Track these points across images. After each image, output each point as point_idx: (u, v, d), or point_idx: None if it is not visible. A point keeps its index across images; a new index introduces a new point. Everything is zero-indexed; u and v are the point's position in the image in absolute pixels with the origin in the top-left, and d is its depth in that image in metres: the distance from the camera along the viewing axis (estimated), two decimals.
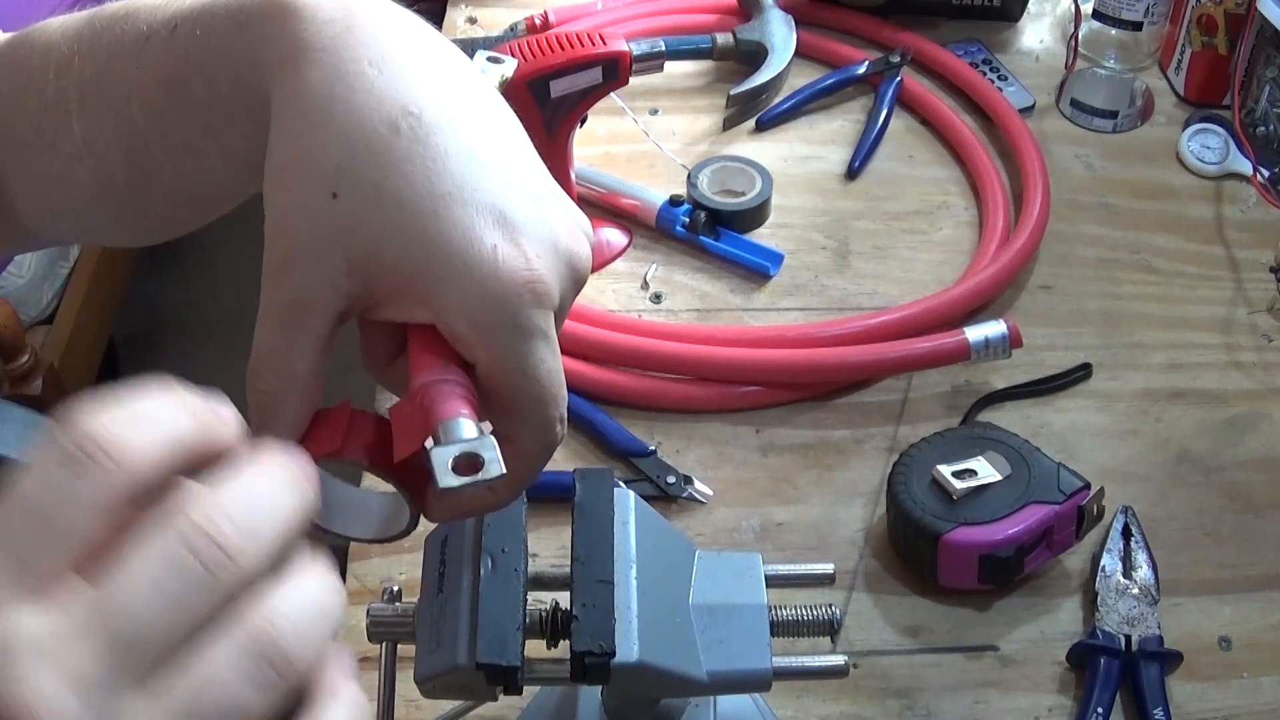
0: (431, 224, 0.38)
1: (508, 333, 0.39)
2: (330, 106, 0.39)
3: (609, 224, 0.96)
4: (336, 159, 0.38)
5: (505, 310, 0.39)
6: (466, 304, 0.38)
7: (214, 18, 0.42)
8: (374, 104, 0.39)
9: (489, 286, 0.38)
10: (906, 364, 0.84)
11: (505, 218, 0.39)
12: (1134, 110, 1.06)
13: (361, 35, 0.40)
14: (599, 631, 0.47)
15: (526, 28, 1.08)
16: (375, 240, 0.38)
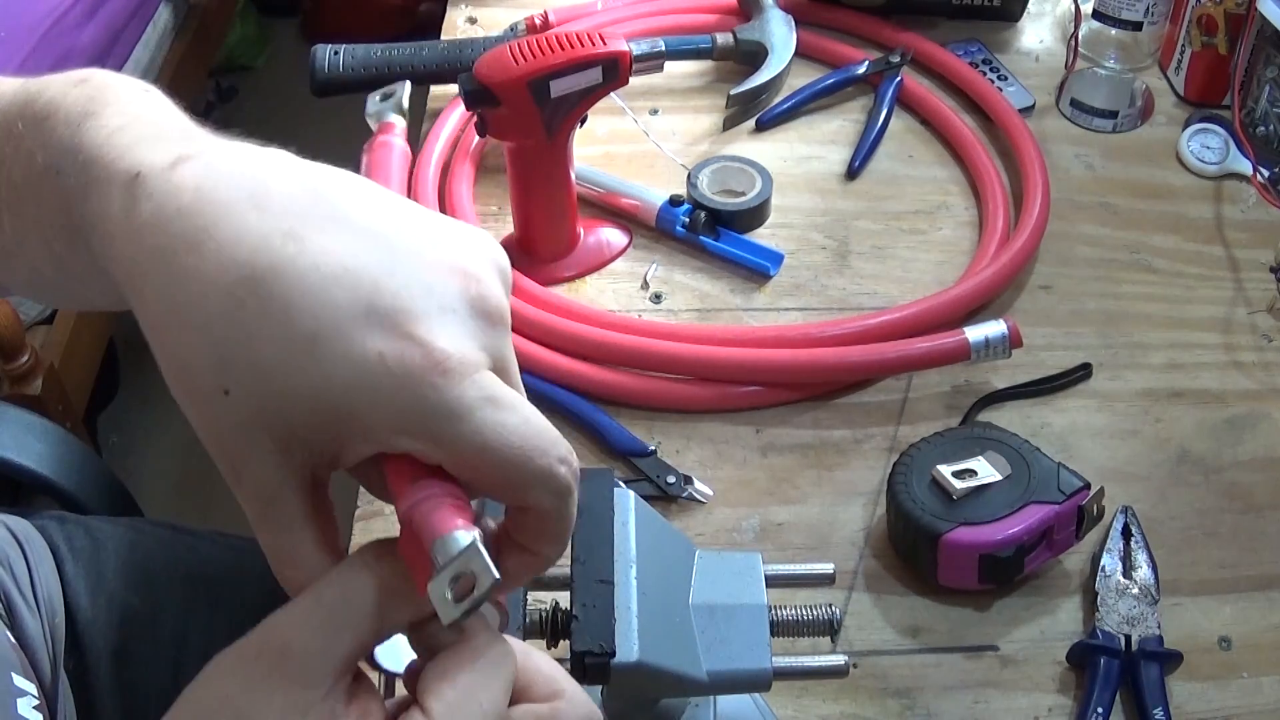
0: (315, 372, 0.36)
1: (447, 424, 0.36)
2: (171, 297, 0.36)
3: (609, 224, 0.96)
4: (205, 357, 0.36)
5: (427, 407, 0.36)
6: (391, 422, 0.37)
7: (57, 178, 0.41)
8: (206, 283, 0.36)
9: (398, 397, 0.36)
10: (906, 364, 0.84)
11: (379, 314, 0.36)
12: (1134, 110, 1.06)
13: (164, 207, 0.37)
14: (599, 631, 0.47)
15: (526, 28, 1.08)
16: (283, 412, 0.36)
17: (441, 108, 1.03)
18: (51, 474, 0.92)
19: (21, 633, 0.72)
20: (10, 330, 1.42)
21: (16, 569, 0.76)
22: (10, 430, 0.93)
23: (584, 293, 0.91)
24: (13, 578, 0.74)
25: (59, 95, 0.43)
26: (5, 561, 0.75)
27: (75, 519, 0.85)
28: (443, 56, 1.00)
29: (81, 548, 0.81)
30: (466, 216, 0.94)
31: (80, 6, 1.65)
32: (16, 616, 0.73)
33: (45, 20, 1.59)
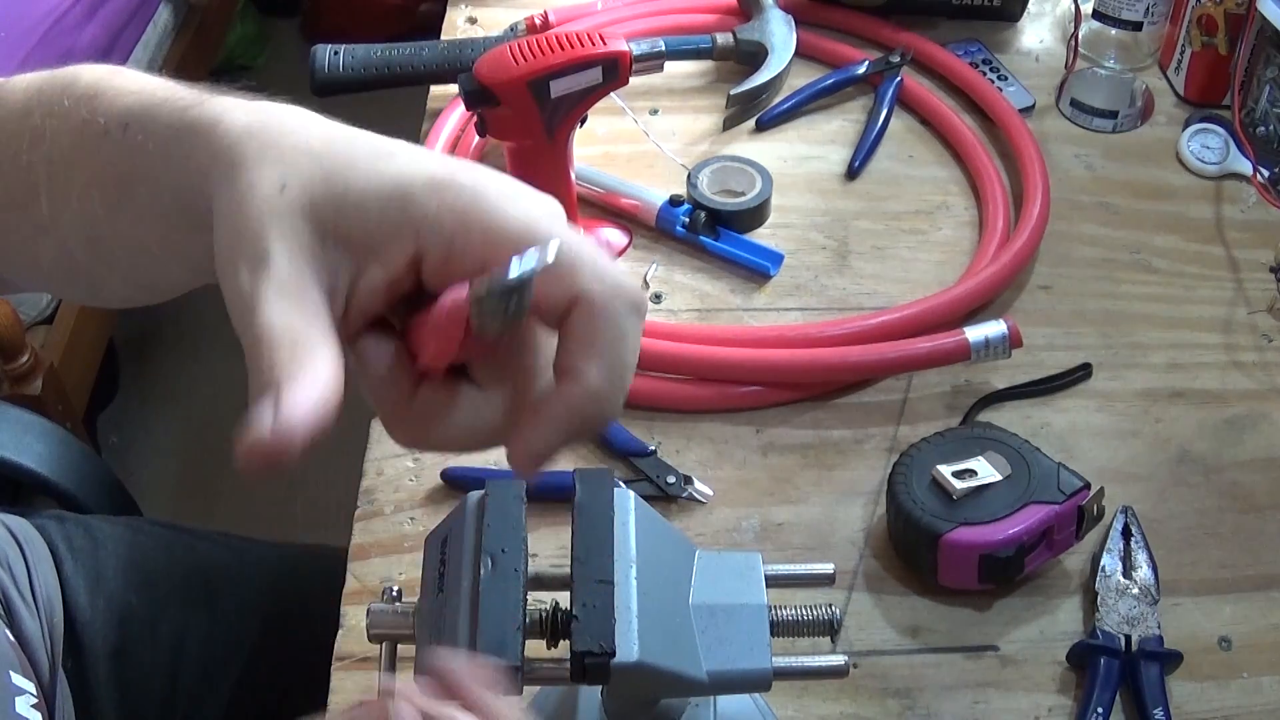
0: (386, 169, 0.40)
1: (496, 207, 0.40)
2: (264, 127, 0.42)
3: (609, 224, 0.96)
4: (272, 161, 0.40)
5: (478, 194, 0.40)
6: (440, 208, 0.39)
7: (155, 124, 0.44)
8: (310, 122, 0.42)
9: (449, 188, 0.40)
10: (906, 364, 0.84)
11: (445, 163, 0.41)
12: (1134, 110, 1.06)
13: (282, 140, 0.41)
14: (599, 631, 0.47)
15: (526, 28, 1.08)
16: (340, 188, 0.39)
17: (441, 108, 1.03)
18: (51, 474, 0.92)
19: (20, 632, 0.72)
20: (10, 330, 1.42)
21: (15, 569, 0.76)
22: (10, 430, 0.93)
23: None
24: (12, 577, 0.74)
25: (106, 75, 0.47)
26: (4, 561, 0.75)
27: (74, 518, 0.85)
28: (443, 56, 1.00)
29: (80, 547, 0.81)
30: None
31: (80, 6, 1.65)
32: (15, 616, 0.73)
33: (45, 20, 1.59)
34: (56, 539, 0.81)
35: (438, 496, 0.77)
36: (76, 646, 0.77)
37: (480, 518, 0.50)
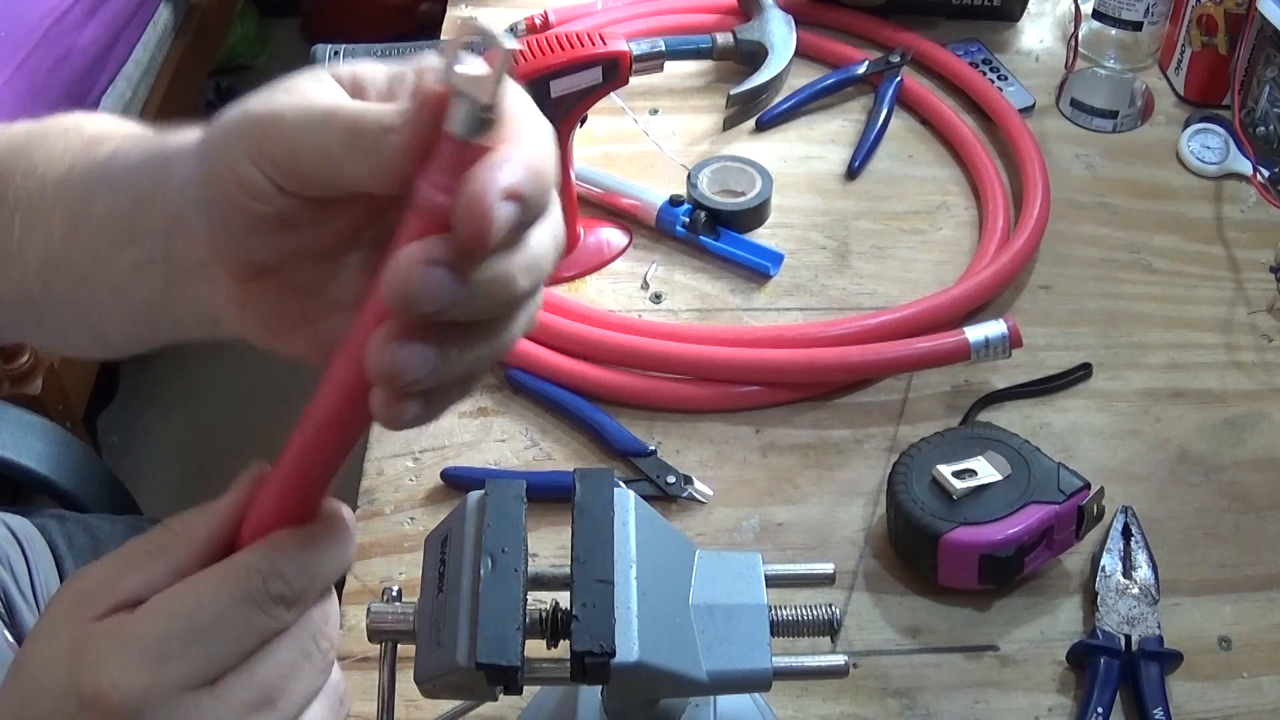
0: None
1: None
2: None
3: (609, 224, 0.96)
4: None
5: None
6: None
7: (136, 144, 0.44)
8: None
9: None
10: (906, 364, 0.84)
11: None
12: (1134, 110, 1.06)
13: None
14: (599, 631, 0.47)
15: (526, 28, 1.08)
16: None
17: None
18: (51, 473, 0.92)
19: (20, 632, 0.72)
20: None
21: (16, 568, 0.76)
22: (10, 430, 0.93)
23: (584, 293, 0.91)
24: (12, 576, 0.75)
25: (112, 124, 0.48)
26: (5, 560, 0.75)
27: (75, 517, 0.85)
28: None
29: (81, 546, 0.81)
30: None
31: (80, 6, 1.65)
32: (16, 615, 0.73)
33: (45, 20, 1.59)
34: (57, 538, 0.81)
35: (438, 496, 0.77)
36: None
37: (480, 518, 0.50)
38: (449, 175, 0.35)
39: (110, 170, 0.45)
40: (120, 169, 0.44)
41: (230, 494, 0.40)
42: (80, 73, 1.64)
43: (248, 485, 0.40)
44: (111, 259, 0.44)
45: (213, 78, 2.39)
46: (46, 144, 0.48)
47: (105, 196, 0.44)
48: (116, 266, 0.44)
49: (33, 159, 0.47)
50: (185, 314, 0.44)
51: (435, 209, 0.35)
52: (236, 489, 0.40)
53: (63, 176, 0.46)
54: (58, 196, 0.46)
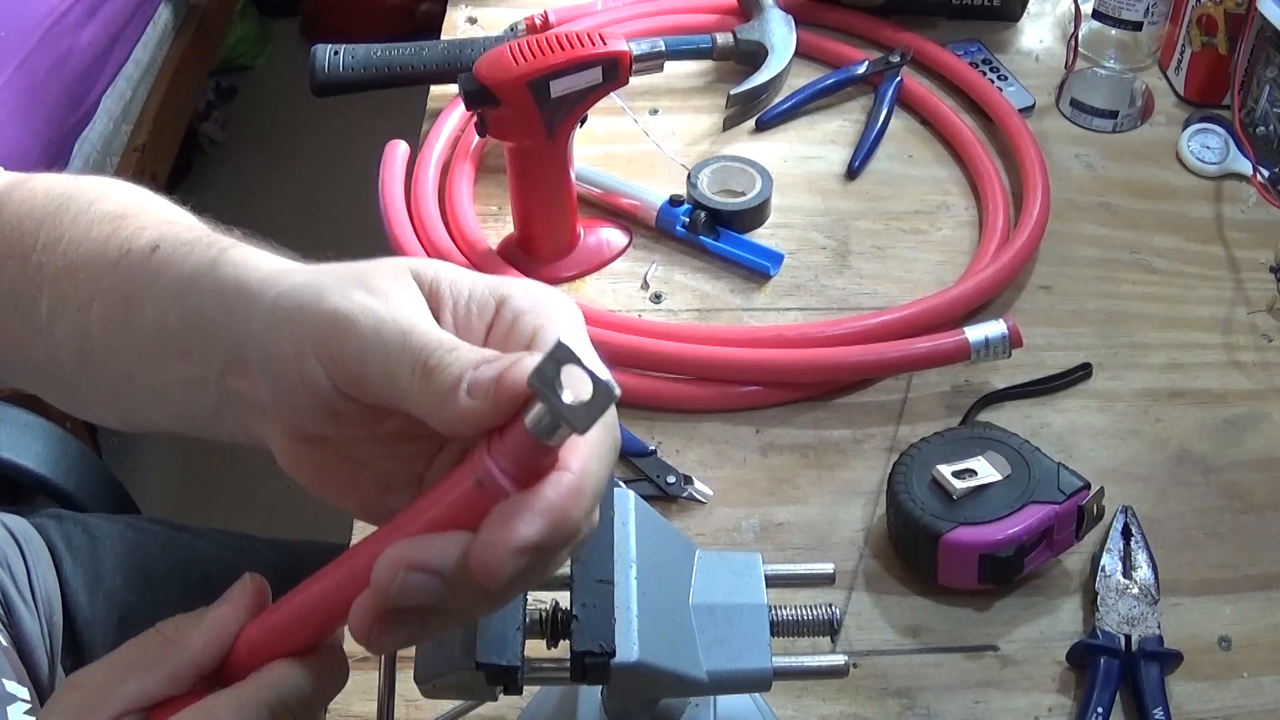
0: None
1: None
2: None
3: (609, 224, 0.96)
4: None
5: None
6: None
7: (186, 252, 0.44)
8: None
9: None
10: (906, 364, 0.84)
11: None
12: (1134, 110, 1.06)
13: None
14: (599, 631, 0.47)
15: (526, 28, 1.08)
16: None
17: (441, 108, 1.03)
18: (50, 473, 0.92)
19: (19, 632, 0.72)
20: None
21: (15, 568, 0.76)
22: (9, 430, 0.93)
23: (584, 293, 0.91)
24: (11, 577, 0.74)
25: (137, 199, 0.49)
26: (4, 561, 0.75)
27: (73, 517, 0.85)
28: (443, 56, 1.00)
29: (80, 546, 0.81)
30: (466, 216, 0.94)
31: (80, 6, 1.65)
32: (14, 616, 0.73)
33: (45, 20, 1.59)
34: (55, 538, 0.81)
35: None
36: (76, 645, 0.77)
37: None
38: (513, 461, 0.37)
39: (156, 275, 0.44)
40: (169, 282, 0.44)
41: (225, 606, 0.42)
42: (80, 73, 1.64)
43: (244, 598, 0.42)
44: (158, 367, 0.44)
45: (213, 78, 2.39)
46: (71, 214, 0.47)
47: (152, 305, 0.44)
48: (164, 375, 0.44)
49: (57, 229, 0.47)
50: (235, 433, 0.45)
51: (491, 485, 0.37)
52: (231, 601, 0.42)
53: (95, 261, 0.45)
54: (93, 286, 0.45)
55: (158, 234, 0.45)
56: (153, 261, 0.44)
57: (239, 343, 0.42)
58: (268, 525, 1.70)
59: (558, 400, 0.35)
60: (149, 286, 0.44)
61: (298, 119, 2.39)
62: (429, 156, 0.98)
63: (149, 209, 0.48)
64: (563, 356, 0.35)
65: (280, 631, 0.41)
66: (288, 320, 0.40)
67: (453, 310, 0.41)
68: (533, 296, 0.41)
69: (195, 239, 0.45)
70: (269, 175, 2.33)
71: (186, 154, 2.23)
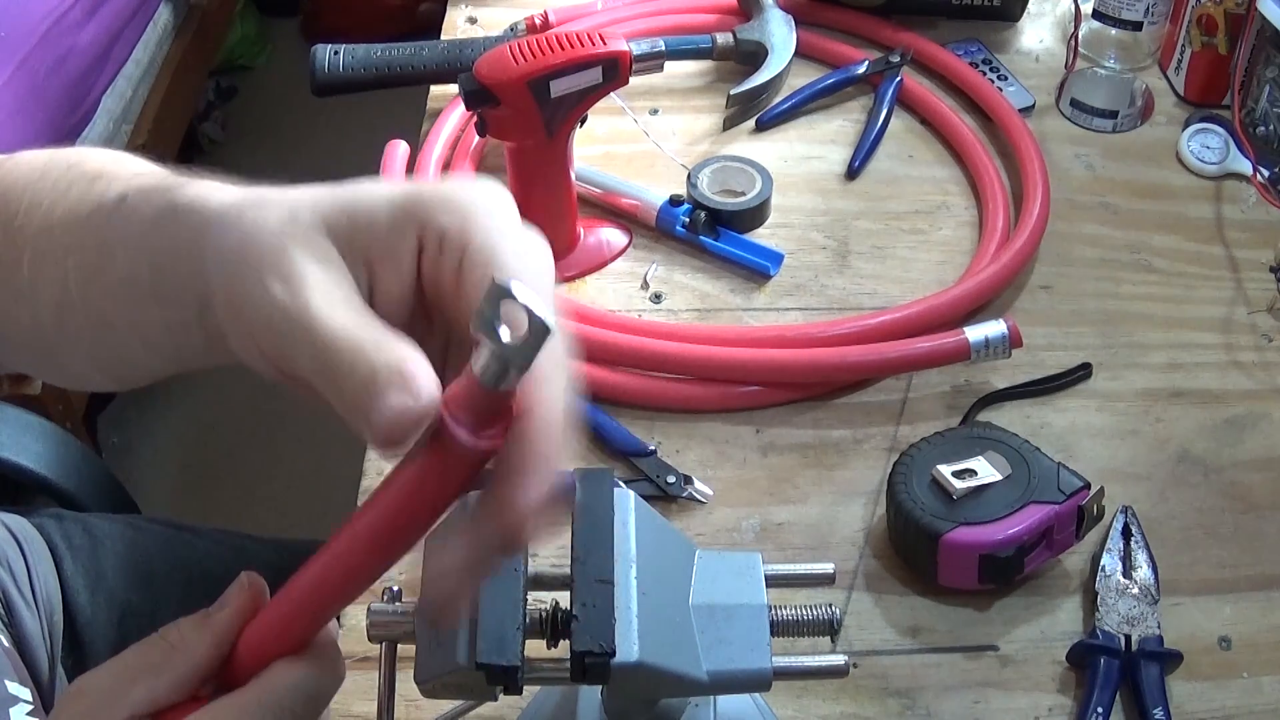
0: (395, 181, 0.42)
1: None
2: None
3: (609, 224, 0.96)
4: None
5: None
6: (497, 203, 0.42)
7: (149, 195, 0.44)
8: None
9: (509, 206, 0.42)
10: (906, 364, 0.84)
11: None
12: (1134, 110, 1.06)
13: (280, 193, 0.42)
14: (599, 631, 0.47)
15: (526, 28, 1.08)
16: (348, 203, 0.41)
17: (441, 108, 1.03)
18: (51, 474, 0.92)
19: (20, 633, 0.72)
20: None
21: (15, 568, 0.76)
22: (9, 430, 0.93)
23: (584, 293, 0.91)
24: (11, 577, 0.74)
25: (112, 159, 0.48)
26: (4, 560, 0.75)
27: (74, 517, 0.85)
28: (443, 56, 1.00)
29: (80, 545, 0.81)
30: None
31: (80, 6, 1.65)
32: (15, 616, 0.73)
33: (45, 20, 1.59)
34: (56, 537, 0.81)
35: None
36: (76, 645, 0.77)
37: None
38: (471, 413, 0.37)
39: (125, 223, 0.44)
40: (135, 228, 0.44)
41: (226, 610, 0.42)
42: (80, 73, 1.64)
43: (242, 599, 0.42)
44: (137, 313, 0.44)
45: (213, 78, 2.39)
46: (50, 180, 0.47)
47: (122, 252, 0.44)
48: (144, 319, 0.44)
49: (36, 195, 0.47)
50: (232, 363, 0.44)
51: (462, 447, 0.37)
52: (231, 603, 0.42)
53: (70, 218, 0.46)
54: (68, 240, 0.45)
55: (125, 186, 0.45)
56: (121, 210, 0.44)
57: (202, 292, 0.42)
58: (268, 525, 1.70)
59: (496, 341, 0.35)
60: (119, 233, 0.44)
61: (298, 119, 2.39)
62: (429, 156, 0.98)
63: (123, 165, 0.48)
64: (497, 294, 0.35)
65: (275, 629, 0.42)
66: (228, 300, 0.40)
67: (378, 250, 0.40)
68: (450, 206, 0.40)
69: (156, 184, 0.45)
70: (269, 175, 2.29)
71: (186, 154, 2.23)
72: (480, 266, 0.39)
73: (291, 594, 0.41)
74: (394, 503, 0.39)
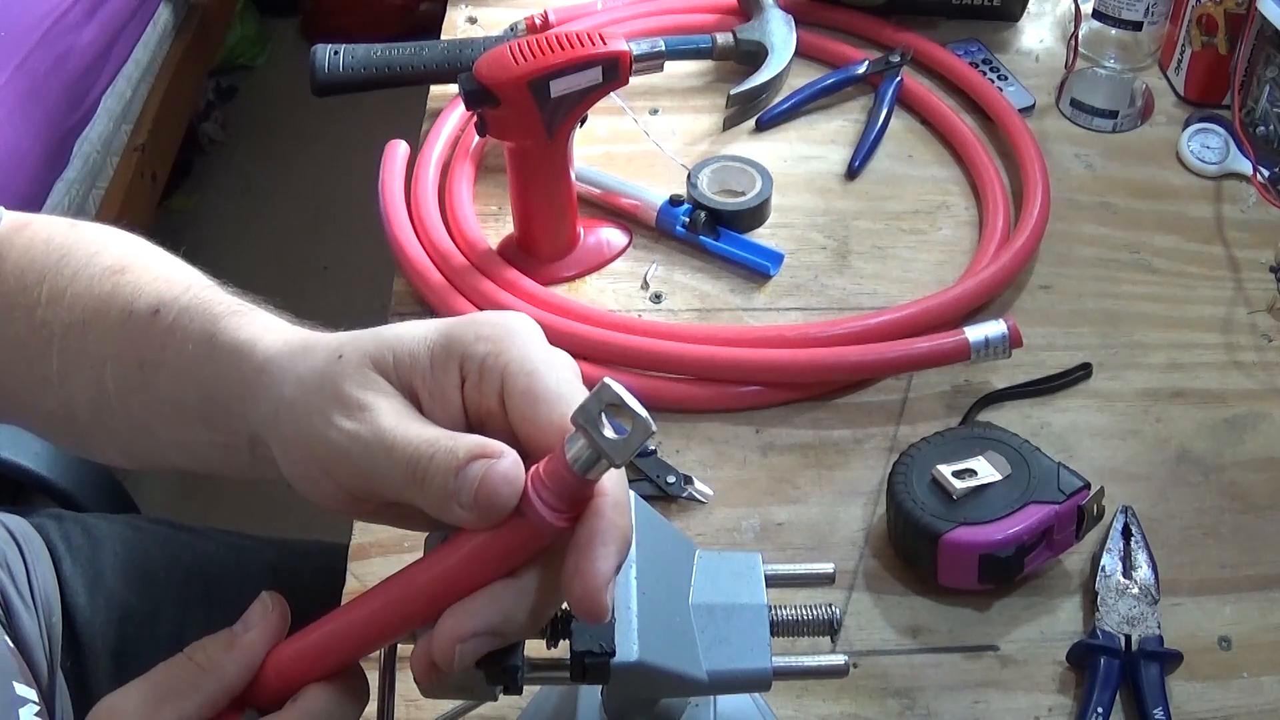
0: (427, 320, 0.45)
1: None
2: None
3: (609, 224, 0.96)
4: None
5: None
6: (529, 330, 0.44)
7: (185, 318, 0.46)
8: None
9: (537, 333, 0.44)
10: (906, 364, 0.84)
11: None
12: (1134, 110, 1.06)
13: (321, 339, 0.45)
14: (599, 631, 0.47)
15: (526, 28, 1.08)
16: (390, 342, 0.44)
17: (441, 108, 1.03)
18: (50, 473, 0.92)
19: (19, 634, 0.72)
20: None
21: (14, 568, 0.76)
22: (9, 430, 0.93)
23: (584, 293, 0.91)
24: (10, 578, 0.74)
25: (133, 251, 0.50)
26: (3, 561, 0.75)
27: (73, 517, 0.85)
28: (443, 56, 1.00)
29: (79, 546, 0.81)
30: (466, 216, 0.94)
31: (80, 6, 1.65)
32: (14, 617, 0.73)
33: (45, 20, 1.59)
34: (55, 538, 0.81)
35: None
36: (76, 646, 0.77)
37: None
38: (557, 495, 0.40)
39: (163, 346, 0.46)
40: (175, 354, 0.46)
41: (253, 631, 0.43)
42: (80, 73, 1.64)
43: (268, 621, 0.43)
44: (186, 434, 0.46)
45: (213, 78, 2.39)
46: (72, 268, 0.49)
47: (166, 376, 0.46)
48: (190, 436, 0.46)
49: (59, 283, 0.48)
50: (276, 478, 0.47)
51: (542, 523, 0.40)
52: (257, 624, 0.43)
53: (101, 321, 0.47)
54: (103, 348, 0.47)
55: (155, 296, 0.47)
56: (155, 326, 0.46)
57: (256, 430, 0.44)
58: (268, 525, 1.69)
59: (600, 436, 0.38)
60: (159, 354, 0.46)
61: (298, 119, 2.39)
62: (429, 156, 0.98)
63: (144, 262, 0.49)
64: (606, 395, 0.38)
65: (311, 657, 0.43)
66: (290, 438, 0.42)
67: (423, 387, 0.43)
68: (483, 336, 0.43)
69: (190, 303, 0.47)
70: (269, 175, 2.33)
71: (186, 154, 2.23)
72: (520, 381, 0.42)
73: (335, 627, 0.43)
74: (461, 564, 0.41)
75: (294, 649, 0.43)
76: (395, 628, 0.42)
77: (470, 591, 0.42)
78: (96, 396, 0.47)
